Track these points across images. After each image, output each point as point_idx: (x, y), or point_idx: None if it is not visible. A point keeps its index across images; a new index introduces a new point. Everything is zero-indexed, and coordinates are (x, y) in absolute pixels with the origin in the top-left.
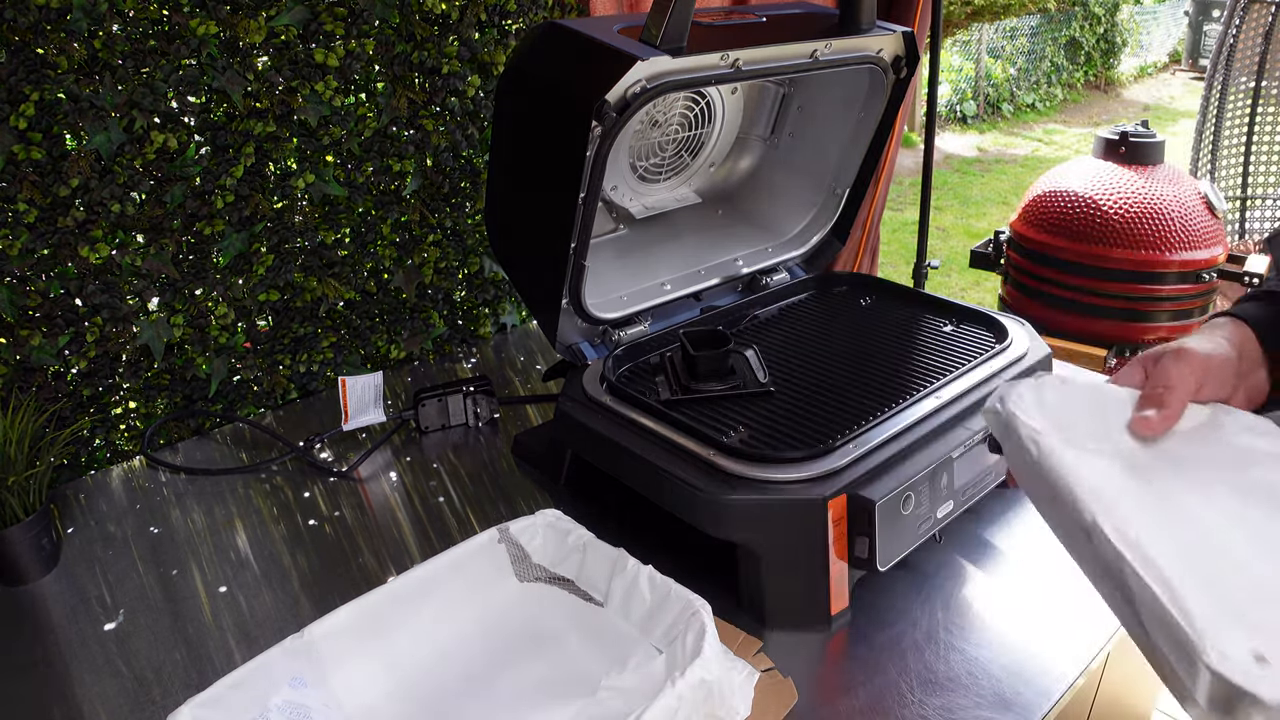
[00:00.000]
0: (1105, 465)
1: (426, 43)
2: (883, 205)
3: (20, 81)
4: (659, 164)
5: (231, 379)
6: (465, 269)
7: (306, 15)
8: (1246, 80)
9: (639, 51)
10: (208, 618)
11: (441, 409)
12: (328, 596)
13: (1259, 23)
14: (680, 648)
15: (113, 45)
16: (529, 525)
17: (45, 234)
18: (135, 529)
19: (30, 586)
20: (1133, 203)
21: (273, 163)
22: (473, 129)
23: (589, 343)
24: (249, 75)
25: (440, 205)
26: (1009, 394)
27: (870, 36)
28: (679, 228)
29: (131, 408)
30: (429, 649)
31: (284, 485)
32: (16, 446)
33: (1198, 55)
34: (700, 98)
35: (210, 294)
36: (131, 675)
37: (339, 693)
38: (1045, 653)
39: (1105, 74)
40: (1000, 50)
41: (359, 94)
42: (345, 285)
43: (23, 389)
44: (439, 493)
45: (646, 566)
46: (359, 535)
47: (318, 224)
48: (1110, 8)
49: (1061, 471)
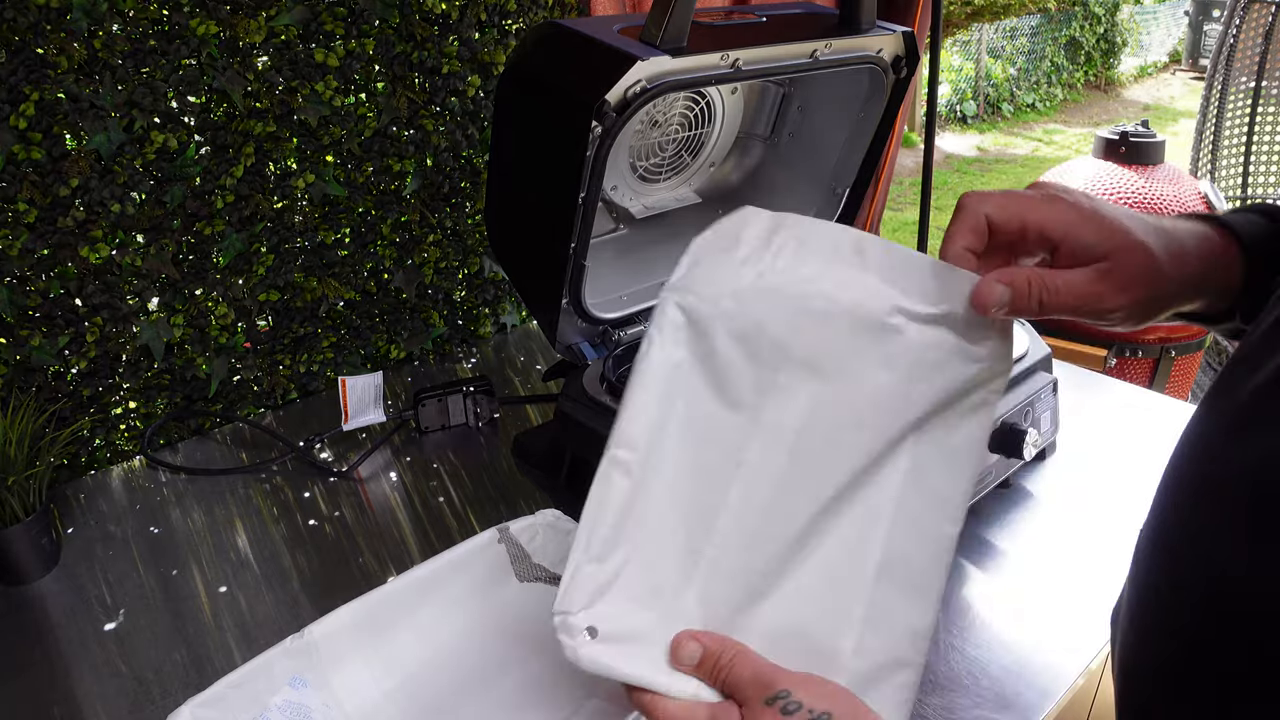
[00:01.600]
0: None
1: (426, 43)
2: (883, 205)
3: (20, 81)
4: (659, 164)
5: (231, 379)
6: (465, 269)
7: (306, 15)
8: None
9: (639, 51)
10: (208, 618)
11: (441, 409)
12: (328, 596)
13: (1259, 23)
14: None
15: (113, 45)
16: (529, 525)
17: (45, 234)
18: (135, 529)
19: (30, 586)
20: (1133, 203)
21: (273, 163)
22: (473, 129)
23: (589, 343)
24: (249, 75)
25: (440, 205)
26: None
27: (870, 36)
28: (679, 228)
29: (131, 408)
30: (429, 649)
31: (284, 485)
32: (16, 446)
33: (1198, 55)
34: (700, 98)
35: (210, 294)
36: (131, 675)
37: (339, 692)
38: (1045, 653)
39: (1105, 74)
40: (1000, 50)
41: (359, 94)
42: (345, 285)
43: (22, 389)
44: (439, 493)
45: None
46: (359, 535)
47: (318, 224)
48: (1110, 8)
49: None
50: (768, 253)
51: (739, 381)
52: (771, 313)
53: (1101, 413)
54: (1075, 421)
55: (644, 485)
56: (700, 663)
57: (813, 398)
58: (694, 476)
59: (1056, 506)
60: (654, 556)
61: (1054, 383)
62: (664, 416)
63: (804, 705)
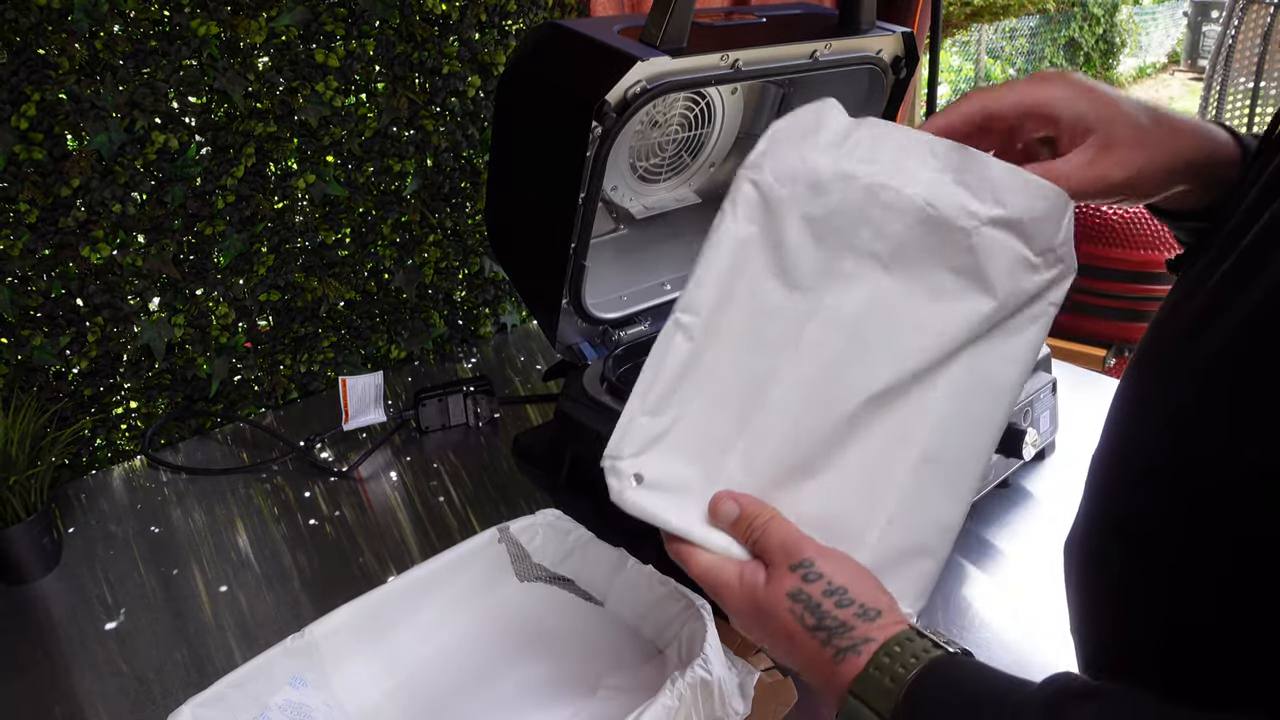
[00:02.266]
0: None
1: (427, 43)
2: None
3: (21, 82)
4: (659, 164)
5: (232, 379)
6: (465, 269)
7: (307, 16)
8: (1245, 81)
9: (639, 52)
10: (208, 617)
11: (441, 409)
12: (328, 596)
13: (1257, 24)
14: (680, 647)
15: (114, 46)
16: (529, 525)
17: (46, 234)
18: (136, 528)
19: (31, 586)
20: None
21: (273, 163)
22: (473, 129)
23: (589, 343)
24: (249, 76)
25: (440, 205)
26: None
27: (870, 37)
28: (679, 228)
29: (132, 407)
30: (429, 648)
31: (284, 485)
32: (18, 446)
33: (1196, 56)
34: (700, 98)
35: (211, 294)
36: (132, 674)
37: (339, 692)
38: (1044, 652)
39: (1104, 74)
40: (1000, 51)
41: (359, 94)
42: (346, 285)
43: (24, 389)
44: (439, 493)
45: (647, 566)
46: (359, 535)
47: (318, 224)
48: (1109, 8)
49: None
50: (846, 143)
51: (805, 263)
52: (843, 200)
53: (1101, 413)
54: (1075, 421)
55: (703, 350)
56: (736, 521)
57: (876, 288)
58: (750, 349)
59: (1056, 506)
60: (705, 418)
61: (1053, 383)
62: (729, 288)
63: (824, 576)
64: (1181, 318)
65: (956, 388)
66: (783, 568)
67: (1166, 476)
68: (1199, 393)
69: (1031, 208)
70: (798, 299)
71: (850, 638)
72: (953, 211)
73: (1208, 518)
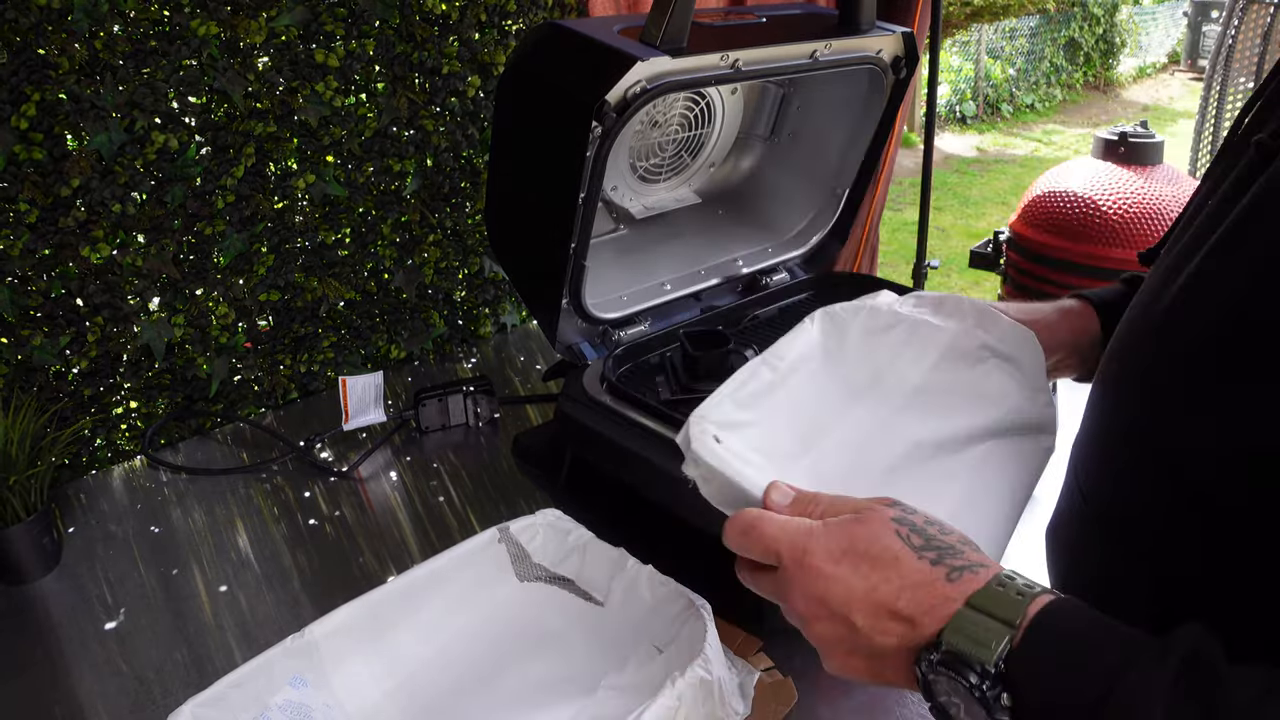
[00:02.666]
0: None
1: (426, 43)
2: (882, 205)
3: (22, 82)
4: (659, 164)
5: (232, 379)
6: (465, 269)
7: (307, 16)
8: (1245, 80)
9: (639, 52)
10: (208, 617)
11: (441, 409)
12: (328, 596)
13: (1257, 23)
14: (680, 647)
15: (114, 46)
16: (529, 525)
17: (46, 234)
18: (136, 528)
19: (31, 586)
20: (1132, 203)
21: (273, 163)
22: (473, 129)
23: (589, 343)
24: (249, 76)
25: (440, 205)
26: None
27: (870, 37)
28: (679, 228)
29: (132, 407)
30: (429, 648)
31: (284, 485)
32: (18, 446)
33: (1196, 56)
34: (700, 98)
35: (211, 294)
36: (132, 674)
37: (339, 692)
38: None
39: (1104, 74)
40: (1000, 51)
41: (359, 94)
42: (346, 285)
43: (24, 389)
44: (439, 493)
45: (647, 566)
46: (359, 535)
47: (318, 224)
48: (1109, 8)
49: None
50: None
51: (857, 372)
52: (888, 332)
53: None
54: (1075, 421)
55: (780, 385)
56: (795, 500)
57: (912, 389)
58: (815, 402)
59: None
60: (775, 434)
61: (1053, 383)
62: (804, 360)
63: (919, 510)
64: (1158, 306)
65: (982, 463)
66: (874, 507)
67: (1149, 463)
68: (1183, 379)
69: (1025, 351)
70: (852, 390)
71: (964, 559)
72: (973, 345)
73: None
